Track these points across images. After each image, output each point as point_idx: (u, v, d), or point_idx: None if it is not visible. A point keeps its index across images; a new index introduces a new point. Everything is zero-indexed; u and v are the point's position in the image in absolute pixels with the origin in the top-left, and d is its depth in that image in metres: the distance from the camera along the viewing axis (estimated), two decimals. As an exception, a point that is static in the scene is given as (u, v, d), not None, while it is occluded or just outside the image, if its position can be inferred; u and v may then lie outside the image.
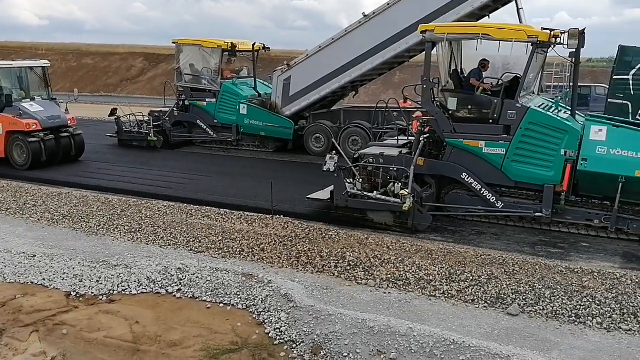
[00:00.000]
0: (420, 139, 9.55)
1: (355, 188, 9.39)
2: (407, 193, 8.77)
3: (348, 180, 9.47)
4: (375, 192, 9.31)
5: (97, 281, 7.36)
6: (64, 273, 7.58)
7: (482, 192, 9.23)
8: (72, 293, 7.12)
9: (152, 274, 7.39)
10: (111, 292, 7.14)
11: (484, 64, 9.92)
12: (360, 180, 9.45)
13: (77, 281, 7.38)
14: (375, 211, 9.33)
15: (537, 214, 8.95)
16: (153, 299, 6.96)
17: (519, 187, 9.22)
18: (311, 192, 10.48)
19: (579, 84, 9.84)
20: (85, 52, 48.28)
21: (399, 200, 8.88)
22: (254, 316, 6.46)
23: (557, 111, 9.14)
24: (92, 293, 7.11)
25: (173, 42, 17.61)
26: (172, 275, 7.33)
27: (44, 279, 7.45)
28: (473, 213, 9.53)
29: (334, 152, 9.73)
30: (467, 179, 9.28)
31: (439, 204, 9.73)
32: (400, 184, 9.08)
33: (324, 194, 10.12)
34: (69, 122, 14.40)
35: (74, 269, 7.70)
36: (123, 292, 7.12)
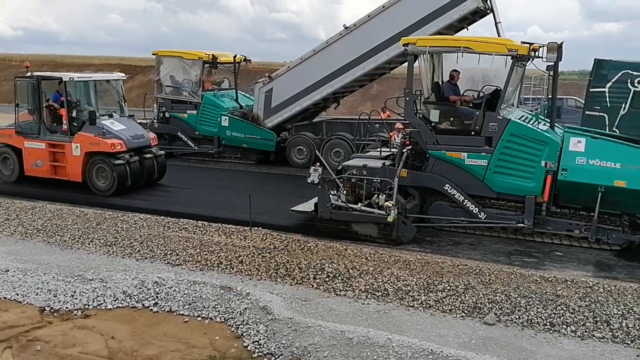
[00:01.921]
0: (403, 150, 9.64)
1: (340, 200, 9.41)
2: (391, 205, 8.83)
3: (332, 192, 9.49)
4: (359, 204, 9.34)
5: (72, 296, 7.23)
6: (38, 288, 7.42)
7: (464, 203, 9.34)
8: (46, 308, 6.99)
9: (128, 288, 7.29)
10: (86, 306, 7.02)
11: (452, 75, 10.07)
12: (344, 192, 9.48)
13: (51, 296, 7.23)
14: (359, 223, 9.35)
15: (519, 225, 9.06)
16: (129, 313, 6.87)
17: (500, 198, 9.36)
18: (290, 204, 10.49)
19: (546, 96, 10.09)
20: (60, 64, 47.64)
21: (384, 212, 8.93)
22: (232, 329, 6.42)
23: (536, 123, 9.32)
24: (67, 308, 6.98)
25: (153, 54, 17.54)
26: (149, 289, 7.24)
27: (17, 294, 7.29)
28: (456, 224, 9.63)
29: (318, 164, 9.76)
30: (450, 190, 9.37)
31: (422, 215, 9.81)
32: (384, 195, 9.13)
33: (307, 206, 10.10)
34: (152, 141, 13.25)
35: (48, 283, 7.55)
36: (98, 307, 7.00)
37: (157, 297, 7.10)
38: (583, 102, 22.88)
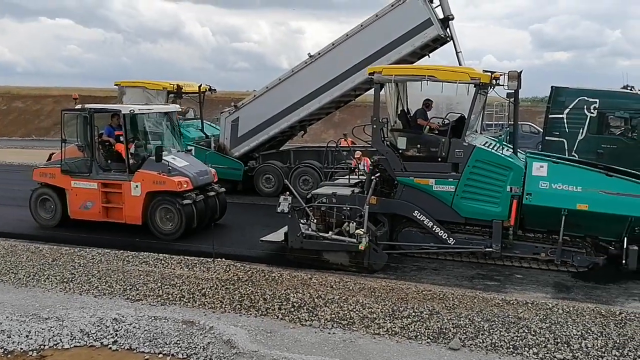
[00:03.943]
0: (372, 177, 9.72)
1: (310, 229, 9.33)
2: (362, 232, 8.84)
3: (302, 221, 9.42)
4: (330, 232, 9.31)
5: (27, 336, 6.93)
6: (-10, 329, 7.11)
7: (433, 229, 9.43)
8: (-2, 350, 6.69)
9: (86, 326, 7.04)
10: (42, 347, 6.74)
11: (427, 104, 10.31)
12: (315, 220, 9.42)
13: (4, 337, 6.92)
14: (330, 252, 9.27)
15: (487, 249, 9.18)
16: (87, 352, 6.62)
17: (468, 224, 9.48)
18: (255, 233, 10.41)
19: (507, 123, 10.42)
20: (15, 95, 46.57)
21: (355, 240, 8.92)
22: (195, 365, 6.26)
23: (501, 149, 9.56)
24: (21, 349, 6.69)
25: (115, 84, 17.30)
26: (108, 327, 7.02)
27: (-33, 337, 6.95)
28: (426, 250, 9.70)
29: (287, 192, 9.70)
30: (419, 216, 9.45)
31: (392, 242, 9.83)
32: (354, 223, 9.13)
33: (277, 236, 9.98)
34: (214, 177, 12.25)
35: (1, 324, 7.23)
36: (55, 347, 6.73)
37: (116, 334, 6.88)
38: (537, 127, 23.78)
